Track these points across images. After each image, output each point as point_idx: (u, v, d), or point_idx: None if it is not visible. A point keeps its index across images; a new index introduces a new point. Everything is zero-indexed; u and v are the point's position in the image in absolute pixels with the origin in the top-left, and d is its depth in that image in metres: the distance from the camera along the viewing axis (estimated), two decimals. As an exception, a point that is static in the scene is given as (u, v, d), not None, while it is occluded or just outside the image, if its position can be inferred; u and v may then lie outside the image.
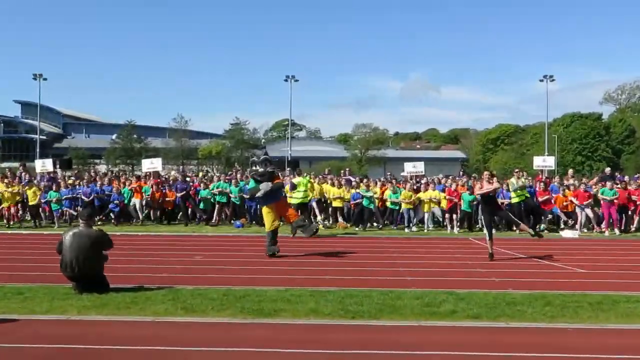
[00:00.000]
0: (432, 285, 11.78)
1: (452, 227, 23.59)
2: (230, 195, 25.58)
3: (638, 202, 23.64)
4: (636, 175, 27.90)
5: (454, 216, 23.81)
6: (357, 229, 23.86)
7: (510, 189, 23.57)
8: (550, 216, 24.58)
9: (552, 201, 24.23)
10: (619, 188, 23.86)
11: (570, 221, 24.20)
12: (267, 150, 19.31)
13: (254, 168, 16.51)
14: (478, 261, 15.35)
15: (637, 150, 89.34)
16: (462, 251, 17.53)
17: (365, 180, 25.87)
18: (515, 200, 23.26)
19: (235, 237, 20.93)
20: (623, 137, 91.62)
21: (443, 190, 24.66)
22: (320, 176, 28.38)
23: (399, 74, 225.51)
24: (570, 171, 29.85)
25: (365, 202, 24.09)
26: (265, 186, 15.85)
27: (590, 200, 23.81)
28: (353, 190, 24.83)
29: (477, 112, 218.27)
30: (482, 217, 16.17)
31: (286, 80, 69.71)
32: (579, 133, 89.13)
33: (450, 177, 28.42)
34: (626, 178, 27.50)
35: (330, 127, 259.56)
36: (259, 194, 15.94)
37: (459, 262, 15.37)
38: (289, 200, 20.70)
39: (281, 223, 16.43)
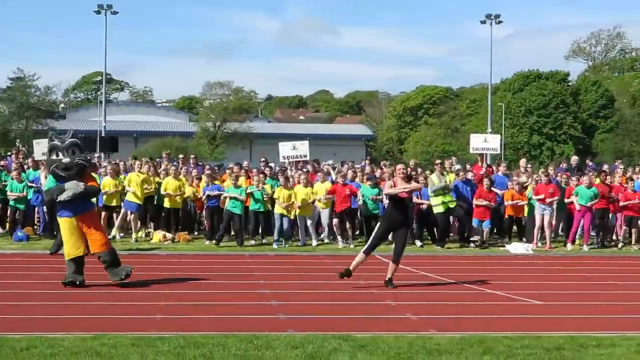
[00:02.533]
0: (318, 326, 11.91)
1: (346, 240, 23.84)
2: (10, 194, 24.85)
3: (622, 202, 24.55)
4: (615, 164, 29.20)
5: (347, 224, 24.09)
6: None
7: (429, 190, 23.93)
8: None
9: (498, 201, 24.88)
10: (598, 184, 24.79)
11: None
12: (73, 132, 18.40)
13: (54, 158, 15.91)
14: (388, 290, 15.69)
15: (617, 126, 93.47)
16: (364, 275, 17.82)
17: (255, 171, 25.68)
18: (438, 209, 23.69)
19: (14, 257, 20.41)
20: (597, 107, 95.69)
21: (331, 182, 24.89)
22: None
23: (274, 8, 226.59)
24: (523, 162, 30.44)
25: (233, 206, 23.86)
26: (73, 186, 15.38)
27: (556, 198, 24.52)
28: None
29: (391, 66, 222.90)
30: (379, 224, 16.40)
31: (98, 13, 68.35)
32: (536, 101, 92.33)
33: (339, 164, 28.63)
34: (605, 167, 28.63)
35: (169, 87, 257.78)
36: (62, 197, 15.43)
37: (359, 291, 15.65)
38: None
39: (87, 251, 16.01)
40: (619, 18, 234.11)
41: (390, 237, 16.96)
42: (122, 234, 24.60)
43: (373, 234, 16.33)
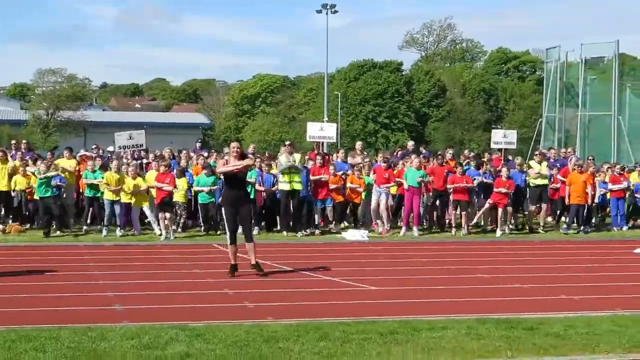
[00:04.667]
0: (155, 316, 11.85)
1: (167, 230, 23.30)
2: None
3: (449, 185, 24.87)
4: (448, 150, 29.88)
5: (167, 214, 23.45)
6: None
7: (277, 170, 23.99)
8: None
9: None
10: (433, 166, 25.28)
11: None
12: None
13: None
14: (223, 278, 15.68)
15: (448, 115, 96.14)
16: (201, 263, 17.82)
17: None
18: (283, 187, 23.72)
19: None
20: (430, 96, 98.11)
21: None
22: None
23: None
24: (358, 144, 31.20)
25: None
26: None
27: (393, 183, 24.87)
28: None
29: (229, 55, 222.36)
30: (223, 211, 16.37)
31: None
32: (371, 90, 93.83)
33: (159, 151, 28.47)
34: (448, 154, 29.23)
35: (1, 74, 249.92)
36: None
37: (196, 280, 15.62)
38: None
39: None
40: (450, 10, 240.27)
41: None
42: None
43: (225, 223, 16.27)
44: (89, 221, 24.33)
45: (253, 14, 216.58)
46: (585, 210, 25.78)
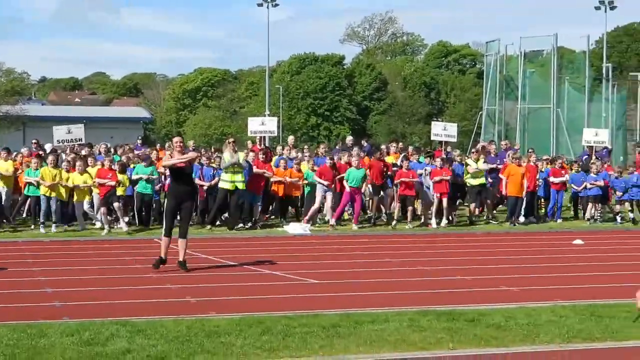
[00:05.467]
0: (96, 312, 11.76)
1: (116, 223, 23.24)
2: None
3: (396, 180, 24.98)
4: (392, 144, 29.96)
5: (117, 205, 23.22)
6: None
7: (221, 166, 23.78)
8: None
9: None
10: (372, 160, 25.28)
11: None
12: None
13: None
14: (165, 273, 15.58)
15: (390, 108, 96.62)
16: (142, 258, 17.64)
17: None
18: (225, 185, 23.53)
19: None
20: (371, 90, 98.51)
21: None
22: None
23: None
24: (291, 139, 31.16)
25: None
26: None
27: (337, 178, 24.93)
28: None
29: (169, 48, 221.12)
30: (166, 201, 16.35)
31: None
32: (312, 84, 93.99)
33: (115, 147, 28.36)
34: (386, 148, 29.34)
35: None
36: None
37: (138, 276, 15.54)
38: None
39: None
40: (390, 3, 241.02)
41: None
42: None
43: (164, 213, 16.22)
44: (24, 215, 24.17)
45: (193, 6, 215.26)
46: (527, 202, 25.97)
